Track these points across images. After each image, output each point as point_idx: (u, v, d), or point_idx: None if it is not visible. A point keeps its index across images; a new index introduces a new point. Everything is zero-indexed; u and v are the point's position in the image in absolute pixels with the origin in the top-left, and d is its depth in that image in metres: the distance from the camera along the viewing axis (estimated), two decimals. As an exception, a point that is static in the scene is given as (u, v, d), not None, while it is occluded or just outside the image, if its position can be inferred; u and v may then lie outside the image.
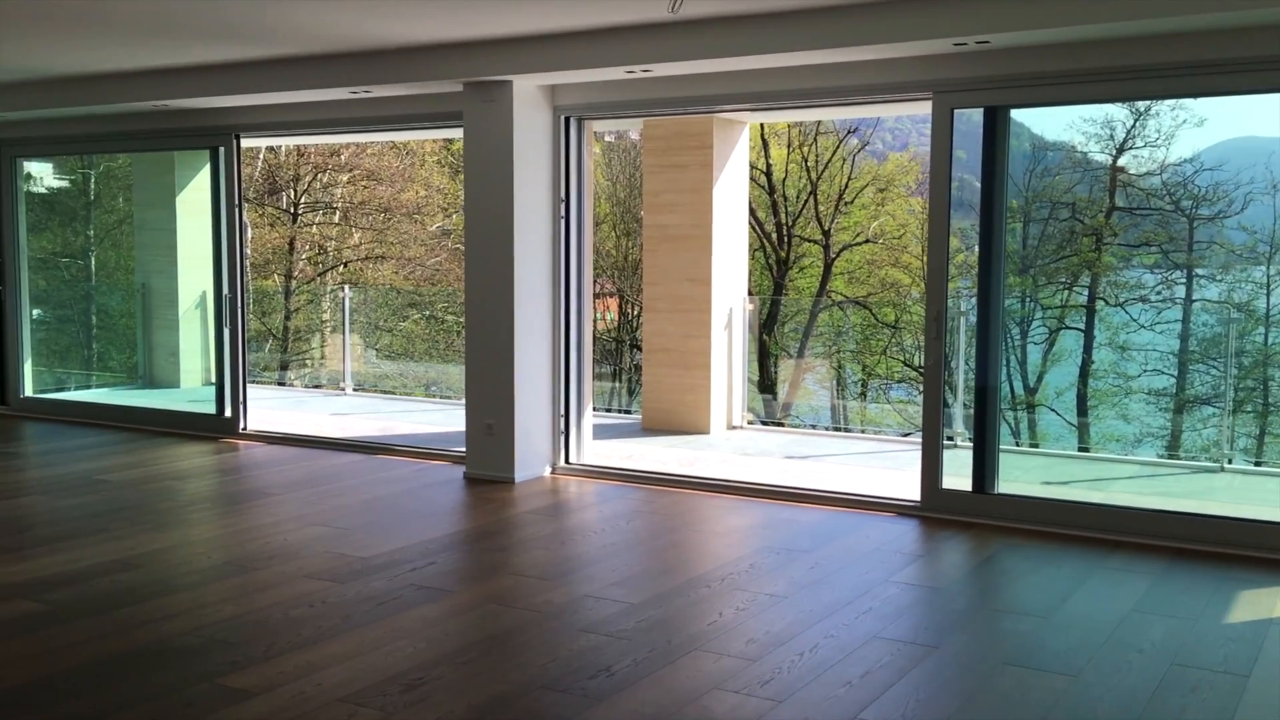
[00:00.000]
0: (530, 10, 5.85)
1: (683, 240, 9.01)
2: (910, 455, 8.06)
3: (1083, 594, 4.96)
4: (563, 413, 7.45)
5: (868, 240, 19.59)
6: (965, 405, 8.44)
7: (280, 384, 14.62)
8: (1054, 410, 14.91)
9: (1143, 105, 12.76)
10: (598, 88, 7.08)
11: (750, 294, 9.64)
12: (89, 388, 10.92)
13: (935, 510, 6.28)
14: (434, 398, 12.87)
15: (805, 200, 18.96)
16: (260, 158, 19.00)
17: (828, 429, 13.18)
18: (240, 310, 8.75)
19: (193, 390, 10.24)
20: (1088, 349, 15.08)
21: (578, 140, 7.39)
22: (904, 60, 6.11)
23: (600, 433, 8.55)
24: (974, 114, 6.17)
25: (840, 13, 5.70)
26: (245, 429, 8.76)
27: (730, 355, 9.21)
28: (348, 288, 13.69)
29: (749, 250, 9.74)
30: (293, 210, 20.01)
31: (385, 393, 12.94)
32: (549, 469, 7.44)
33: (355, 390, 11.92)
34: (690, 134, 8.88)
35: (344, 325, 12.52)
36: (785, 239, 18.96)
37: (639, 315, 18.28)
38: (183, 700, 3.71)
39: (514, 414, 7.11)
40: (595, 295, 18.82)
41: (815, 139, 18.84)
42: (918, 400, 16.66)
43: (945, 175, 6.16)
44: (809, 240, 19.25)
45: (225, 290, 8.76)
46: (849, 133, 19.03)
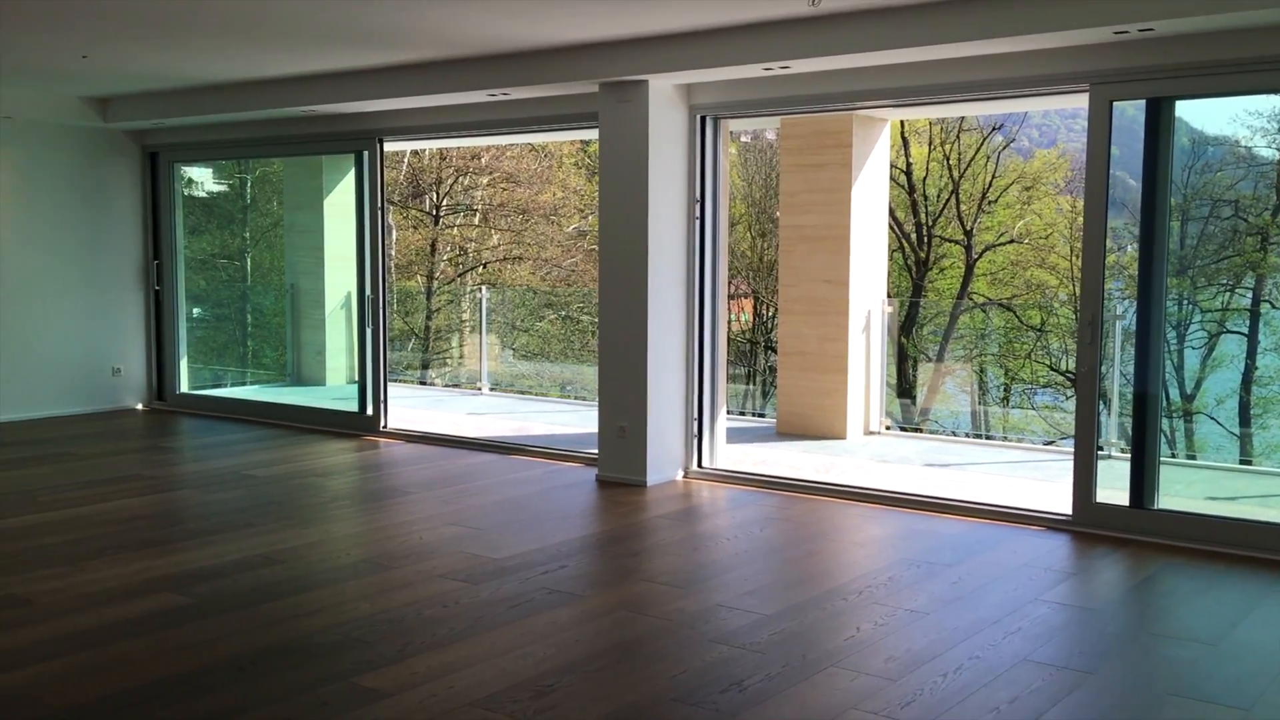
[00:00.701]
0: (667, 9, 5.77)
1: (820, 241, 8.82)
2: (1058, 465, 7.70)
3: (1254, 620, 4.62)
4: (696, 416, 7.35)
5: (1012, 240, 18.94)
6: (1119, 413, 8.02)
7: (421, 383, 14.93)
8: (1214, 419, 14.11)
9: (1317, 96, 12.02)
10: (734, 86, 6.96)
11: (888, 296, 9.36)
12: (244, 384, 11.33)
13: (1088, 525, 5.96)
14: (569, 398, 12.93)
15: (946, 200, 18.43)
16: (405, 162, 19.46)
17: (968, 435, 12.77)
18: (381, 311, 8.93)
19: (337, 388, 10.52)
20: (1251, 354, 14.23)
21: (713, 139, 7.28)
22: (1058, 51, 5.81)
23: (733, 436, 8.43)
24: (1129, 107, 5.84)
25: (991, 1, 5.44)
26: (386, 427, 8.93)
27: (868, 358, 8.97)
28: (485, 288, 13.88)
29: (887, 251, 9.47)
30: (435, 212, 20.45)
31: (521, 393, 13.08)
32: (681, 473, 7.36)
33: (492, 390, 12.06)
34: (829, 132, 8.68)
35: (481, 325, 12.69)
36: (925, 239, 18.47)
37: (774, 317, 18.06)
38: (317, 699, 3.74)
39: (646, 416, 7.05)
40: (730, 296, 18.71)
41: (958, 136, 18.30)
42: (1064, 406, 16.00)
43: (1102, 172, 5.84)
44: (950, 240, 18.71)
45: (367, 291, 8.95)
46: (994, 129, 18.43)
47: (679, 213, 7.20)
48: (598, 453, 7.36)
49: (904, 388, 16.18)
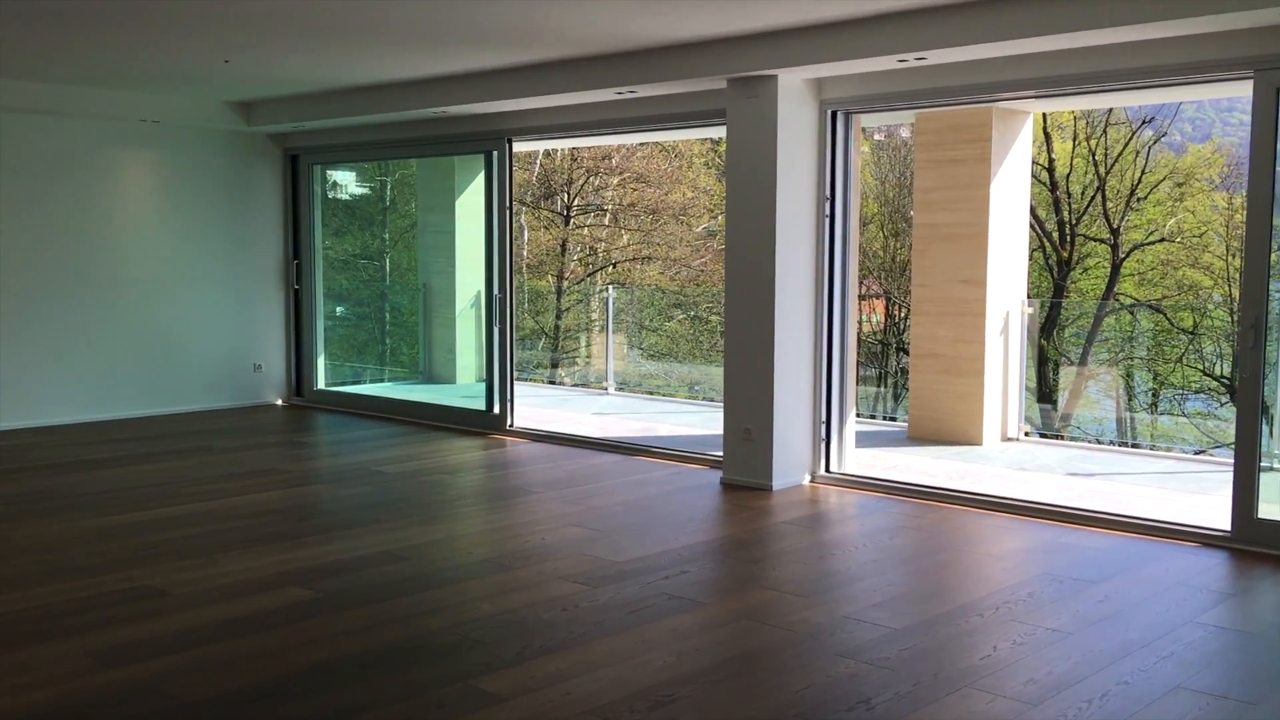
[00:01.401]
0: (797, 1, 5.61)
1: (956, 240, 8.50)
2: (1213, 476, 7.24)
3: None
4: (824, 419, 7.16)
5: (1163, 239, 18.06)
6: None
7: (550, 382, 15.03)
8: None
9: None
10: (867, 79, 6.74)
11: (1028, 296, 8.97)
12: (382, 381, 11.57)
13: (1249, 542, 5.56)
14: (696, 399, 12.83)
15: (1091, 197, 17.68)
16: (537, 163, 19.66)
17: (1113, 443, 12.18)
18: (509, 310, 8.97)
19: (467, 386, 10.64)
20: None
21: (844, 135, 7.08)
22: (1218, 35, 5.43)
23: (863, 440, 8.19)
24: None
25: (1143, -15, 5.13)
26: (512, 425, 8.97)
27: (1006, 361, 8.61)
28: (611, 288, 13.88)
29: (1027, 250, 9.07)
30: (565, 213, 20.61)
31: (649, 393, 13.03)
32: (808, 477, 7.17)
33: (618, 390, 12.04)
34: (967, 126, 8.36)
35: (607, 325, 12.69)
36: (1068, 238, 17.75)
37: (906, 318, 17.62)
38: (435, 700, 3.72)
39: (773, 419, 6.88)
40: (861, 297, 18.33)
41: (1104, 131, 17.53)
42: (1218, 414, 15.16)
43: (1267, 165, 5.44)
44: (1095, 239, 17.94)
45: (495, 290, 9.01)
46: (1143, 123, 17.59)
47: (808, 211, 7.02)
48: (722, 455, 7.23)
49: (1044, 392, 15.57)
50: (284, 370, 10.62)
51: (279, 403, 10.54)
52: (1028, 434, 8.89)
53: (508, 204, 8.92)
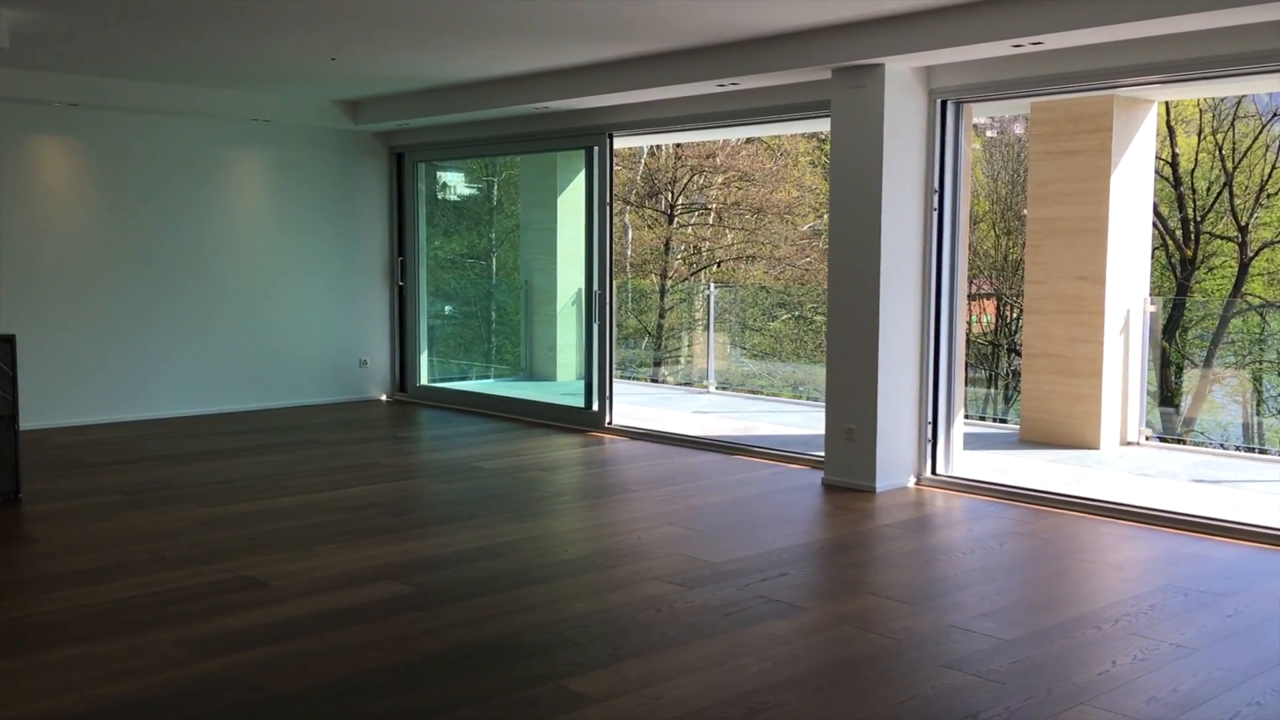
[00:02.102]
0: (905, -16, 5.42)
1: (1072, 235, 8.15)
2: (1354, 486, 6.79)
3: None
4: (930, 420, 6.92)
5: (1295, 237, 17.15)
6: None
7: (654, 381, 14.97)
8: None
9: None
10: (978, 67, 6.48)
11: (1150, 295, 8.56)
12: (484, 378, 11.64)
13: (1393, 557, 5.18)
14: (800, 398, 12.61)
15: (1218, 193, 16.89)
16: (642, 162, 19.62)
17: (1239, 449, 11.60)
18: (608, 307, 8.91)
19: (567, 384, 10.63)
20: None
21: (954, 126, 6.82)
22: (1364, 12, 5.07)
23: (971, 442, 7.90)
24: None
25: (1281, -41, 4.80)
26: (611, 423, 8.91)
27: (1126, 362, 8.23)
28: (713, 286, 13.74)
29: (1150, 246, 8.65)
30: (669, 211, 20.54)
31: (752, 392, 12.86)
32: (913, 479, 6.94)
33: (719, 389, 11.90)
34: (1085, 116, 8.01)
35: (709, 324, 12.56)
36: (1192, 236, 16.99)
37: (1019, 318, 17.08)
38: (525, 700, 3.65)
39: (876, 419, 6.67)
40: (971, 296, 17.84)
41: (1232, 125, 16.73)
42: (1357, 420, 14.33)
43: None
44: (1221, 237, 17.14)
45: (595, 287, 8.96)
46: (1274, 115, 16.73)
47: (915, 205, 6.79)
48: (824, 456, 7.05)
49: (1166, 395, 14.92)
50: (388, 366, 10.75)
51: (383, 398, 10.67)
52: (1148, 438, 8.48)
53: (608, 200, 8.86)
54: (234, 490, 6.71)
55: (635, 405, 10.19)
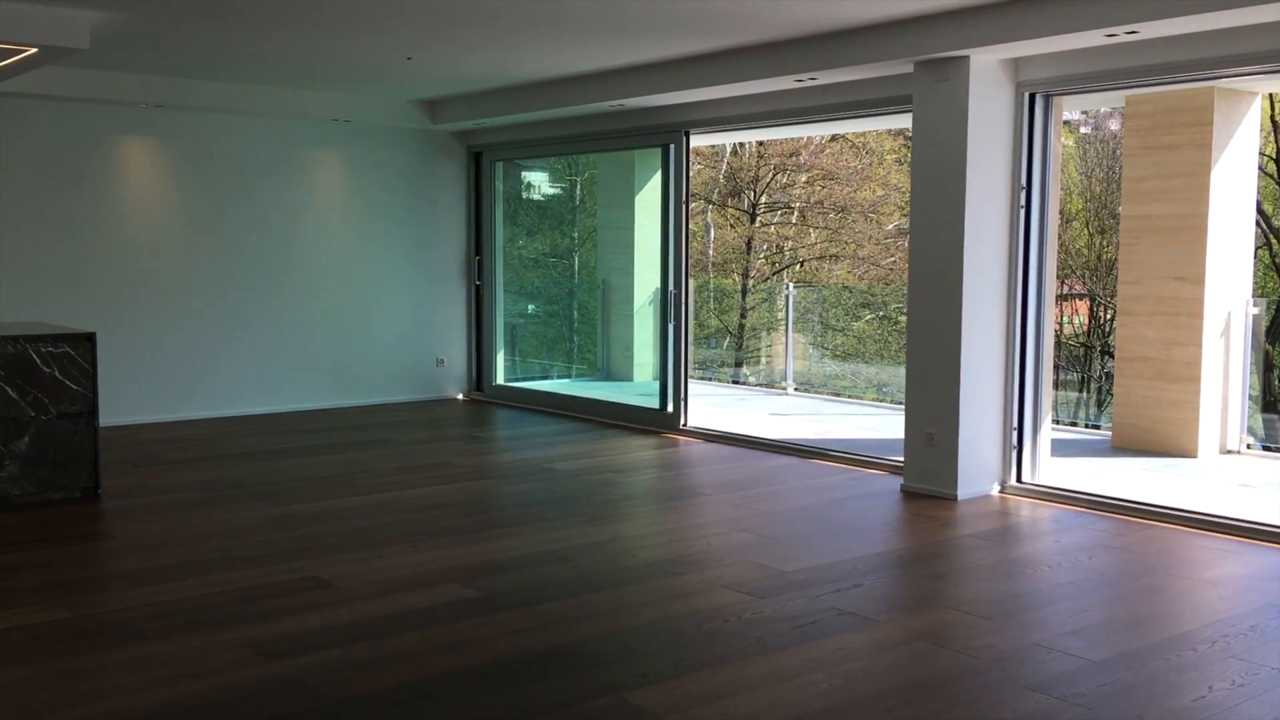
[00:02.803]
0: (991, -29, 5.19)
1: (1169, 233, 7.79)
2: None
3: None
4: (1015, 425, 6.65)
5: None
6: None
7: (735, 382, 14.80)
8: None
9: None
10: (1069, 58, 6.21)
11: (1253, 296, 8.15)
12: (558, 378, 11.60)
13: None
14: (883, 401, 12.33)
15: (1327, 189, 16.13)
16: (724, 161, 19.45)
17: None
18: (684, 307, 8.78)
19: (644, 384, 10.52)
20: None
21: (1044, 120, 6.55)
22: None
23: (1060, 449, 7.61)
24: None
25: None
26: (685, 425, 8.78)
27: (1227, 366, 7.84)
28: (791, 286, 13.53)
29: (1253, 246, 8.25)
30: (752, 210, 20.34)
31: (834, 394, 12.62)
32: (997, 487, 6.68)
33: (799, 390, 11.69)
34: (1184, 109, 7.64)
35: (787, 324, 12.35)
36: (1298, 234, 16.25)
37: (1112, 320, 16.52)
38: (585, 713, 3.53)
39: (958, 424, 6.44)
40: (1063, 296, 17.31)
41: (1342, 116, 15.97)
42: None
43: None
44: (1330, 236, 16.37)
45: (670, 287, 8.83)
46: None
47: (1001, 203, 6.54)
48: (903, 461, 6.83)
49: (1269, 401, 14.28)
50: (465, 365, 10.75)
51: (459, 397, 10.67)
52: (1249, 446, 8.07)
53: (684, 199, 8.73)
54: (307, 488, 6.73)
55: (712, 407, 10.04)
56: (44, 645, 4.06)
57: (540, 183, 11.98)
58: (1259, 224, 15.66)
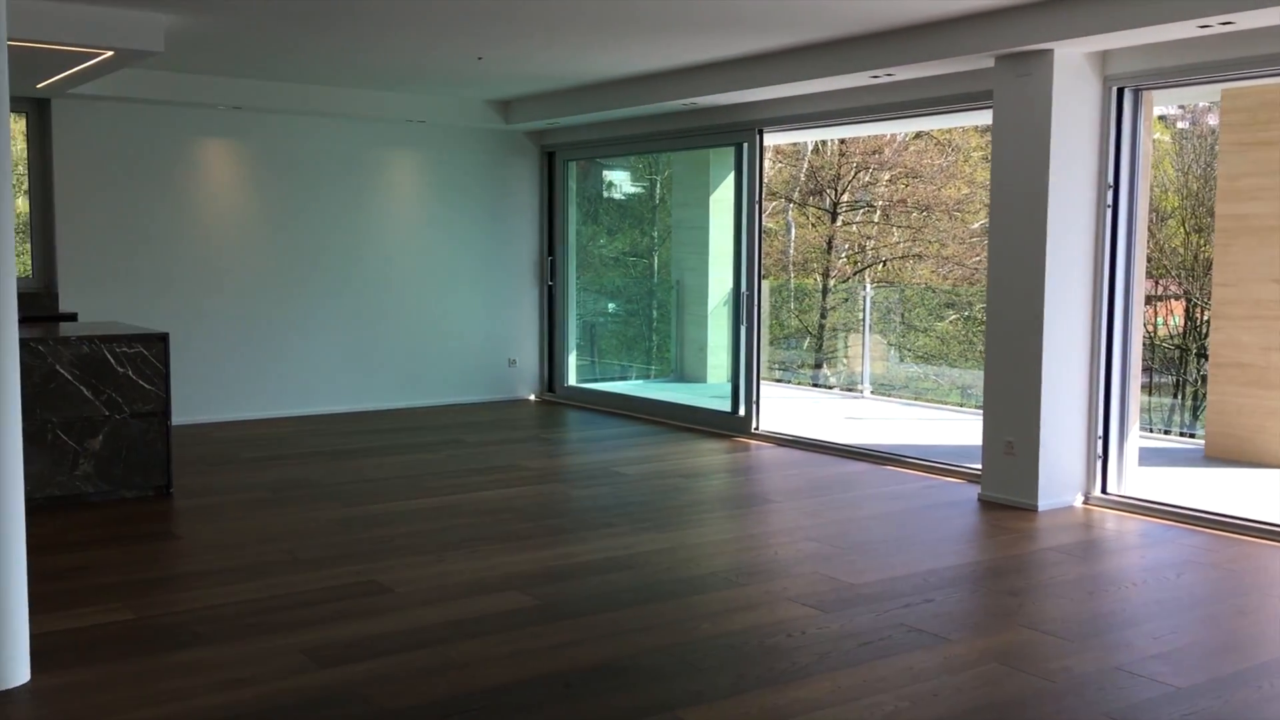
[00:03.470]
0: (1075, -41, 4.96)
1: (1268, 233, 7.43)
2: None
3: None
4: (1101, 433, 6.38)
5: None
6: None
7: (815, 385, 14.58)
8: None
9: None
10: (1159, 50, 5.93)
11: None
12: (633, 379, 11.51)
13: None
14: (965, 405, 12.01)
15: None
16: (805, 159, 19.21)
17: None
18: (755, 308, 8.63)
19: (718, 386, 10.37)
20: None
21: (1132, 116, 6.27)
22: None
23: (1150, 458, 7.29)
24: None
25: None
26: (757, 429, 8.62)
27: (1329, 374, 7.45)
28: (869, 286, 13.26)
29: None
30: (832, 209, 20.05)
31: (915, 396, 12.34)
32: (1080, 498, 6.41)
33: (878, 393, 11.44)
34: (1284, 102, 7.28)
35: (864, 325, 12.11)
36: None
37: (1209, 322, 15.92)
38: (636, 731, 3.43)
39: (1039, 431, 6.19)
40: (1157, 297, 16.73)
41: None
42: None
43: None
44: None
45: (742, 288, 8.68)
46: None
47: (1086, 202, 6.27)
48: (981, 469, 6.59)
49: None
50: (537, 366, 10.72)
51: (531, 398, 10.65)
52: (1355, 458, 7.66)
53: (757, 198, 8.57)
54: (374, 490, 6.73)
55: (785, 409, 9.86)
56: (103, 648, 4.08)
57: (621, 181, 11.91)
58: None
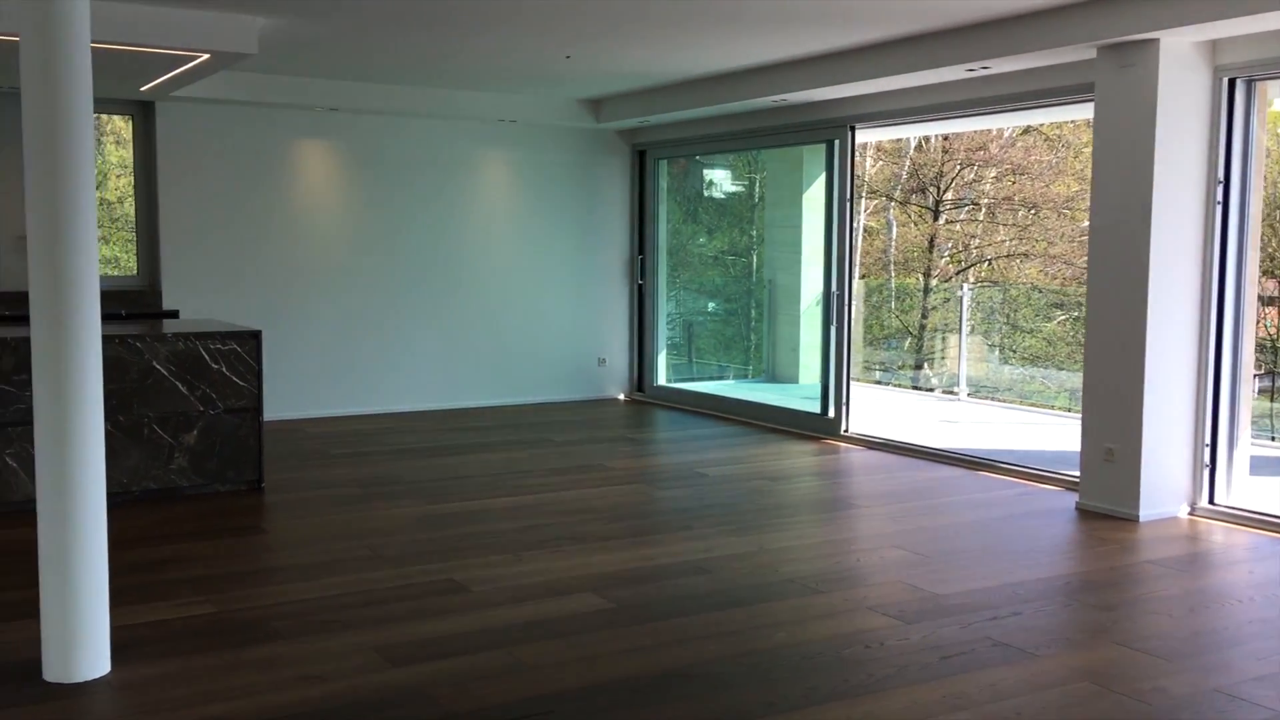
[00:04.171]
0: (1180, -57, 4.72)
1: (1396, 229, 7.00)
2: None
3: None
4: (1208, 440, 6.08)
5: None
6: None
7: (915, 387, 14.29)
8: None
9: None
10: (1275, 39, 5.62)
11: None
12: (745, 378, 11.41)
13: None
14: (1072, 409, 11.61)
15: None
16: (907, 157, 18.86)
17: None
18: (846, 308, 8.46)
19: (809, 386, 10.21)
20: None
21: (1244, 108, 5.97)
22: None
23: (1262, 467, 6.93)
24: None
25: None
26: (847, 431, 8.45)
27: None
28: (966, 287, 12.93)
29: None
30: (935, 207, 19.65)
31: (1020, 399, 11.98)
32: (1185, 508, 6.12)
33: (976, 396, 11.13)
34: None
35: (960, 326, 11.80)
36: None
37: (1333, 323, 15.13)
38: (702, 741, 3.35)
39: (1141, 438, 5.93)
40: (1274, 299, 15.98)
41: None
42: None
43: None
44: None
45: (833, 288, 8.52)
46: None
47: (1194, 198, 5.98)
48: (1079, 476, 6.34)
49: None
50: (626, 365, 10.70)
51: (620, 397, 10.63)
52: None
53: (849, 196, 8.40)
54: (459, 487, 6.77)
55: (878, 411, 9.66)
56: (183, 641, 4.15)
57: (721, 180, 11.83)
58: None
